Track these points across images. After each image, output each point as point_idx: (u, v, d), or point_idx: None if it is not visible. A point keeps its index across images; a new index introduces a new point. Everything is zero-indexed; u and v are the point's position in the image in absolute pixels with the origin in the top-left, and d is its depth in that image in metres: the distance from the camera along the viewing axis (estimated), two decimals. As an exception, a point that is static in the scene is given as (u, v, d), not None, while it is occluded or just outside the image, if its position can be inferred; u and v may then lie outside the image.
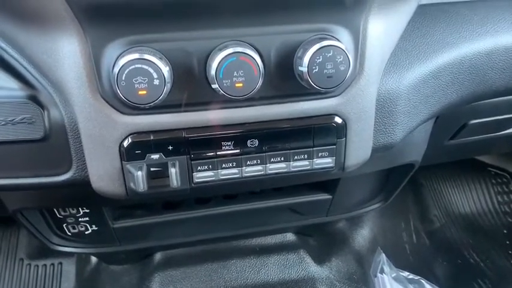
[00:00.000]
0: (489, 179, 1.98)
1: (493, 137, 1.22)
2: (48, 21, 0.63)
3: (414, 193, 1.93)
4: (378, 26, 0.72)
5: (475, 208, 1.90)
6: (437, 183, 1.97)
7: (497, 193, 1.96)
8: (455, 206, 1.91)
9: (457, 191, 1.94)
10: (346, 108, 0.74)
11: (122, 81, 0.61)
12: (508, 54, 0.87)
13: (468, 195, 1.94)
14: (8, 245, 1.67)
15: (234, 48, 0.63)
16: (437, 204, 1.91)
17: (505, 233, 1.81)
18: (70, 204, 0.98)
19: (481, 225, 1.83)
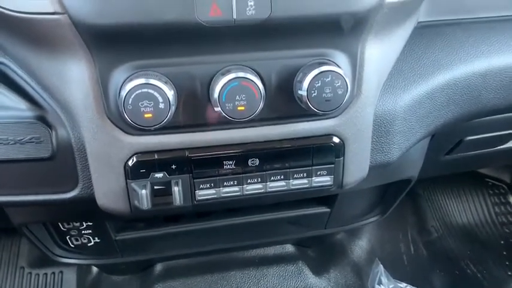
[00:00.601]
0: (486, 190, 2.00)
1: (489, 151, 1.25)
2: (58, 45, 0.66)
3: (412, 204, 1.94)
4: (375, 50, 0.74)
5: (473, 219, 1.91)
6: (435, 194, 1.98)
7: (495, 204, 1.98)
8: (453, 216, 1.92)
9: (455, 202, 1.96)
10: (344, 129, 0.77)
11: (128, 105, 0.63)
12: (502, 75, 0.89)
13: (465, 205, 1.96)
14: (9, 254, 1.68)
15: (236, 73, 0.65)
16: (435, 215, 1.93)
17: (502, 243, 1.83)
18: (75, 218, 1.00)
19: (479, 235, 1.85)
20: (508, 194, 2.02)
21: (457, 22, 0.95)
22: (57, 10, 0.61)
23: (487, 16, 0.99)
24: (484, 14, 0.99)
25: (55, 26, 0.63)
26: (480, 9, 0.99)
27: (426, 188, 1.98)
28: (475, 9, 0.98)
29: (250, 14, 0.63)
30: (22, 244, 1.69)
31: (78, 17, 0.61)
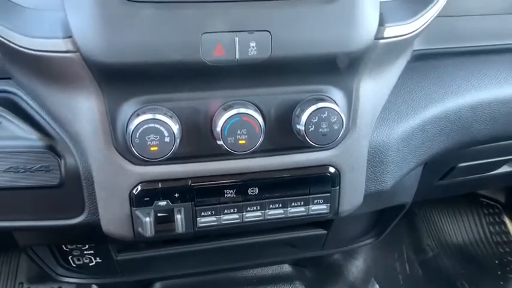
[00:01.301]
0: (481, 209, 2.02)
1: (482, 176, 1.28)
2: (69, 80, 0.70)
3: (408, 222, 1.97)
4: (369, 86, 0.78)
5: (468, 238, 1.94)
6: (431, 213, 2.01)
7: (489, 223, 2.01)
8: (448, 235, 1.95)
9: (450, 221, 1.98)
10: (339, 160, 0.80)
11: (135, 139, 0.67)
12: (491, 107, 0.93)
13: (461, 225, 1.98)
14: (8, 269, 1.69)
15: (237, 109, 0.69)
16: (431, 234, 1.95)
17: (497, 263, 1.85)
18: (79, 241, 1.03)
19: (474, 255, 1.87)
20: (502, 213, 2.05)
21: (448, 52, 1.00)
22: (70, 49, 0.65)
23: (478, 45, 1.04)
24: (475, 43, 1.04)
25: (67, 63, 0.67)
26: (471, 38, 1.03)
27: (422, 207, 2.00)
28: (466, 39, 1.03)
29: (252, 54, 0.67)
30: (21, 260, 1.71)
31: (90, 56, 0.65)
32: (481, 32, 1.05)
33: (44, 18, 0.67)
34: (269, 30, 0.67)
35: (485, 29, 1.05)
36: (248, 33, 0.66)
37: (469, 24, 1.04)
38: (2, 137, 0.74)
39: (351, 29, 0.70)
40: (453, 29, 1.03)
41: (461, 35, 1.04)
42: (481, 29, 1.05)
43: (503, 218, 2.04)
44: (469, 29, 1.04)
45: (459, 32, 1.04)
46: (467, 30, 1.04)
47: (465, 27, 1.04)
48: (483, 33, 1.05)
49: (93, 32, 0.64)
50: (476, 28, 1.05)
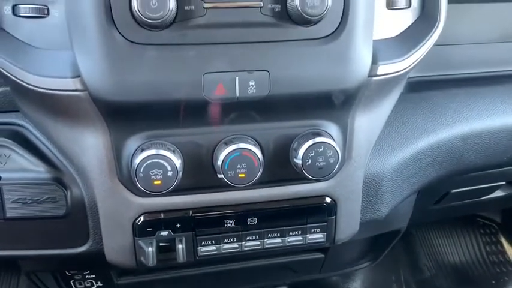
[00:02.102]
0: (477, 229, 2.04)
1: (476, 201, 1.31)
2: (77, 116, 0.73)
3: (405, 243, 1.98)
4: (364, 120, 0.82)
5: (464, 258, 1.95)
6: (427, 233, 2.02)
7: (486, 243, 2.02)
8: (445, 255, 1.96)
9: (447, 241, 2.00)
10: (335, 190, 0.83)
11: (140, 173, 0.70)
12: (482, 137, 0.97)
13: (457, 245, 1.99)
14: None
15: (237, 144, 0.72)
16: (427, 254, 1.96)
17: (494, 283, 1.86)
18: (82, 268, 1.06)
19: (470, 275, 1.88)
20: (498, 233, 2.06)
21: (440, 79, 1.03)
22: (78, 88, 0.68)
23: (469, 72, 1.08)
24: (466, 70, 1.08)
25: (75, 101, 0.70)
26: (462, 66, 1.08)
27: (419, 227, 2.02)
28: (458, 66, 1.07)
29: (252, 92, 0.70)
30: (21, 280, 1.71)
31: (98, 94, 0.68)
32: (472, 60, 1.09)
33: (54, 58, 0.70)
34: (268, 69, 0.70)
35: (476, 57, 1.10)
36: (248, 73, 0.70)
37: (460, 53, 1.09)
38: (11, 170, 0.77)
39: (346, 68, 0.73)
40: (445, 57, 1.07)
41: (453, 63, 1.08)
42: (472, 57, 1.10)
43: (499, 237, 2.05)
44: (460, 57, 1.09)
45: (451, 60, 1.08)
46: (458, 58, 1.09)
47: (456, 56, 1.09)
48: (474, 61, 1.09)
49: (100, 72, 0.67)
50: (467, 56, 1.09)
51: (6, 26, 0.72)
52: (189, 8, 0.66)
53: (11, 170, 0.77)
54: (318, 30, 0.71)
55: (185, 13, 0.66)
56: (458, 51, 1.09)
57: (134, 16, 0.64)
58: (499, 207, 1.75)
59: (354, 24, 0.71)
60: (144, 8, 0.62)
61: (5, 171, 0.77)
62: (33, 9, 0.70)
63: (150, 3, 0.62)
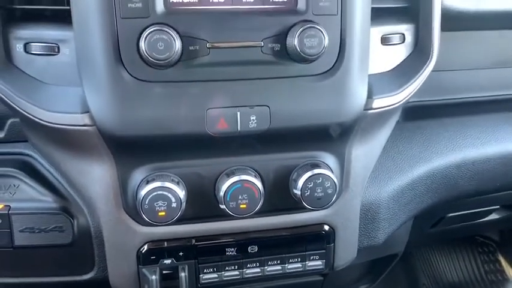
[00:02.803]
0: (476, 248, 2.05)
1: (472, 223, 1.34)
2: (84, 149, 0.76)
3: (404, 262, 2.00)
4: (360, 150, 0.85)
5: (463, 277, 1.96)
6: (426, 252, 2.04)
7: (484, 262, 2.03)
8: (444, 274, 1.97)
9: (445, 259, 2.01)
10: (334, 218, 0.86)
11: (145, 205, 0.72)
12: (475, 165, 1.00)
13: (456, 263, 2.00)
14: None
15: (239, 176, 0.75)
16: (426, 273, 1.97)
17: (492, 302, 1.87)
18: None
19: (469, 293, 1.90)
20: (497, 252, 2.08)
21: (435, 104, 1.06)
22: (87, 123, 0.72)
23: (464, 97, 1.11)
24: (460, 95, 1.12)
25: (84, 135, 0.73)
26: (457, 91, 1.11)
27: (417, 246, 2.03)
28: (452, 91, 1.10)
29: (253, 126, 0.73)
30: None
31: (106, 129, 0.71)
32: (466, 86, 1.13)
33: (64, 94, 0.74)
34: (268, 105, 0.73)
35: (470, 83, 1.13)
36: (249, 108, 0.73)
37: (454, 78, 1.12)
38: (20, 199, 0.80)
39: (343, 102, 0.76)
40: (440, 82, 1.11)
41: (447, 89, 1.12)
42: (466, 83, 1.13)
43: (497, 256, 2.06)
44: (454, 83, 1.12)
45: (445, 85, 1.12)
46: (452, 83, 1.12)
47: (451, 81, 1.12)
48: (468, 86, 1.13)
49: (108, 108, 0.70)
50: (461, 82, 1.13)
51: (18, 63, 0.75)
52: (193, 48, 0.70)
53: (19, 199, 0.80)
54: (316, 67, 0.74)
55: (190, 52, 0.70)
56: (453, 76, 1.12)
57: (142, 56, 0.67)
58: (495, 228, 1.77)
59: (349, 62, 0.75)
60: (151, 49, 0.66)
61: (14, 201, 0.80)
62: (45, 47, 0.74)
63: (157, 45, 0.66)
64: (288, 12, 0.72)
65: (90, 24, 0.68)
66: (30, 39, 0.74)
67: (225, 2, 0.71)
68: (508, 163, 1.02)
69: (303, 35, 0.69)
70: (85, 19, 0.69)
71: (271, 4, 0.72)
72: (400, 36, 0.87)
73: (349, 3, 0.73)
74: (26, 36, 0.74)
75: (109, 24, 0.67)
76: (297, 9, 0.72)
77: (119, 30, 0.67)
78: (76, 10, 0.69)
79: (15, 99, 0.72)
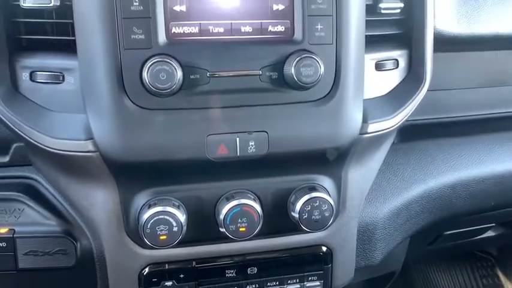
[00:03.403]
0: (474, 263, 2.06)
1: (469, 240, 1.35)
2: (87, 173, 0.78)
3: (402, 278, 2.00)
4: (356, 172, 0.87)
5: (461, 291, 1.97)
6: (425, 267, 2.05)
7: (482, 276, 2.04)
8: (442, 289, 1.98)
9: (444, 274, 2.02)
10: (331, 240, 0.88)
11: (147, 229, 0.74)
12: (469, 185, 1.02)
13: (454, 278, 2.01)
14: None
15: (238, 200, 0.78)
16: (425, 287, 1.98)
17: (491, 317, 1.88)
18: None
19: (467, 309, 1.90)
20: (495, 266, 2.08)
21: (431, 123, 1.09)
22: (90, 149, 0.74)
23: (459, 115, 1.14)
24: (455, 114, 1.14)
25: (87, 160, 0.75)
26: (452, 110, 1.13)
27: (417, 260, 2.04)
28: (447, 110, 1.13)
29: (251, 151, 0.76)
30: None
31: (109, 155, 0.73)
32: (461, 104, 1.15)
33: (68, 121, 0.76)
34: (266, 130, 0.76)
35: (464, 101, 1.16)
36: (248, 134, 0.75)
37: (449, 97, 1.15)
38: (24, 223, 0.82)
39: (339, 127, 0.79)
40: (435, 101, 1.13)
41: (443, 107, 1.14)
42: (461, 102, 1.15)
43: (496, 271, 2.07)
44: (449, 102, 1.14)
45: (440, 104, 1.14)
46: (447, 102, 1.14)
47: (446, 100, 1.14)
48: (462, 105, 1.15)
49: (112, 135, 0.72)
50: (456, 101, 1.15)
51: (23, 91, 0.77)
52: (194, 77, 0.72)
53: (24, 223, 0.82)
54: (312, 93, 0.77)
55: (191, 81, 0.72)
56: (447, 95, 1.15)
57: (144, 85, 0.70)
58: (492, 245, 1.79)
59: (345, 88, 0.78)
60: (153, 80, 0.68)
61: (18, 224, 0.81)
62: (50, 76, 0.76)
63: (159, 76, 0.68)
64: (285, 42, 0.75)
65: (95, 55, 0.71)
66: (36, 68, 0.76)
67: (225, 32, 0.74)
68: (502, 183, 1.05)
69: (299, 64, 0.72)
70: (89, 49, 0.71)
71: (268, 34, 0.75)
72: (394, 62, 0.89)
73: (344, 32, 0.76)
74: (32, 65, 0.76)
75: (113, 55, 0.70)
76: (293, 39, 0.75)
77: (123, 61, 0.70)
78: (81, 41, 0.72)
79: (21, 126, 0.75)
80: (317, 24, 0.74)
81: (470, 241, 1.37)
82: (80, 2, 0.71)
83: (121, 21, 0.69)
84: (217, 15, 0.73)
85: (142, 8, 0.69)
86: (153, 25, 0.70)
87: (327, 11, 0.75)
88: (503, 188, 1.05)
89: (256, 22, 0.74)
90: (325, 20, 0.75)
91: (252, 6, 0.74)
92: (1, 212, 0.82)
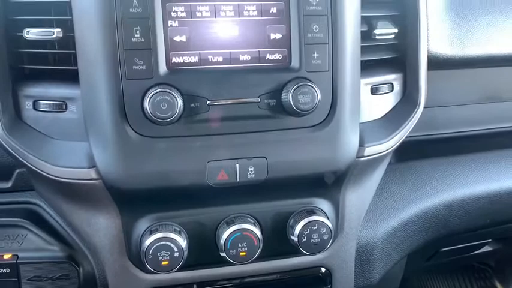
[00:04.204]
0: (472, 273, 2.07)
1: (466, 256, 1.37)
2: (90, 200, 0.79)
3: (401, 287, 2.01)
4: (354, 194, 0.89)
5: (461, 303, 1.97)
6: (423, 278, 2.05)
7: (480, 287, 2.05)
8: (442, 301, 1.98)
9: (442, 285, 2.03)
10: (330, 261, 0.90)
11: (149, 255, 0.76)
12: (465, 203, 1.04)
13: (452, 289, 2.02)
14: None
15: (239, 225, 0.79)
16: None
17: (489, 328, 1.88)
18: None
19: (466, 321, 1.91)
20: (493, 277, 2.09)
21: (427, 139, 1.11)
22: (93, 177, 0.75)
23: (453, 131, 1.16)
24: (450, 130, 1.16)
25: (90, 188, 0.76)
26: (447, 126, 1.15)
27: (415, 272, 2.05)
28: (443, 126, 1.15)
29: (251, 177, 0.77)
30: None
31: (111, 183, 0.75)
32: (455, 120, 1.17)
33: (71, 149, 0.77)
34: (265, 156, 0.78)
35: (460, 118, 1.18)
36: (247, 160, 0.77)
37: (443, 114, 1.17)
38: (28, 249, 0.83)
39: (336, 152, 0.81)
40: (432, 118, 1.15)
41: (437, 124, 1.16)
42: (455, 118, 1.17)
43: (494, 282, 2.08)
44: (444, 118, 1.16)
45: (435, 120, 1.16)
46: (442, 118, 1.16)
47: (440, 116, 1.16)
48: (456, 121, 1.17)
49: (114, 163, 0.74)
50: (450, 117, 1.17)
51: (27, 119, 0.79)
52: (194, 105, 0.74)
53: (27, 249, 0.83)
54: (310, 119, 0.79)
55: (191, 109, 0.74)
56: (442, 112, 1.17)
57: (146, 115, 0.71)
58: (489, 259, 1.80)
59: (341, 114, 0.79)
60: (155, 109, 0.70)
61: (21, 250, 0.83)
62: (53, 105, 0.78)
63: (161, 106, 0.70)
64: (282, 70, 0.77)
65: (97, 85, 0.72)
66: (38, 97, 0.78)
67: (224, 61, 0.76)
68: (497, 201, 1.07)
69: (297, 92, 0.74)
70: (92, 79, 0.73)
71: (266, 62, 0.77)
72: (389, 86, 0.91)
73: (340, 59, 0.78)
74: (35, 94, 0.78)
75: (115, 85, 0.71)
76: (290, 66, 0.77)
77: (125, 91, 0.72)
78: (83, 71, 0.73)
79: (24, 155, 0.76)
80: (313, 52, 0.77)
81: (468, 256, 1.38)
82: (82, 34, 0.72)
83: (123, 53, 0.71)
84: (216, 45, 0.75)
85: (143, 39, 0.71)
86: (154, 56, 0.72)
87: (323, 40, 0.77)
88: (498, 206, 1.07)
89: (254, 51, 0.76)
90: (322, 48, 0.77)
91: (250, 36, 0.76)
92: (4, 238, 0.83)
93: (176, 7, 0.73)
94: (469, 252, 1.33)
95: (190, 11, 0.73)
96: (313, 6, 0.76)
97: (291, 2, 0.75)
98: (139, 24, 0.71)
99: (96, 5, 0.70)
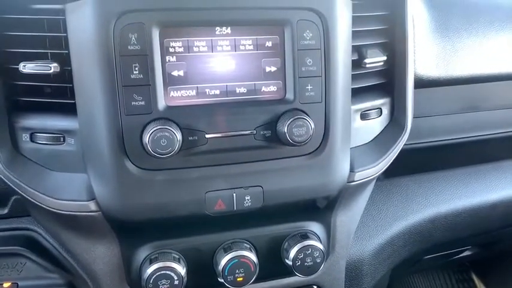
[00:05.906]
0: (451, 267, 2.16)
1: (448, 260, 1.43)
2: (89, 231, 0.81)
3: (383, 285, 2.08)
4: (344, 216, 0.93)
5: (439, 296, 2.05)
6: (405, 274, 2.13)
7: (459, 281, 2.13)
8: (421, 294, 2.06)
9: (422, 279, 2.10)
10: (321, 279, 0.94)
11: (150, 284, 0.78)
12: (447, 218, 1.09)
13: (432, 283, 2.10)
14: None
15: (236, 252, 0.82)
16: None
17: (467, 321, 1.97)
18: None
19: (445, 314, 1.99)
20: (470, 270, 2.18)
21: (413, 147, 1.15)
22: (93, 209, 0.76)
23: (437, 140, 1.20)
24: (435, 138, 1.20)
25: (90, 219, 0.78)
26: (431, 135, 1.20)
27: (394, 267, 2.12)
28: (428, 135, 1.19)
29: (247, 205, 0.80)
30: None
31: (111, 215, 0.76)
32: (439, 130, 1.22)
33: (69, 181, 0.78)
34: (261, 185, 0.80)
35: (443, 127, 1.22)
36: (244, 189, 0.79)
37: (429, 123, 1.21)
38: (27, 277, 0.84)
39: (328, 178, 0.84)
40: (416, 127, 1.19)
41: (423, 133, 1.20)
42: (440, 127, 1.22)
43: (471, 275, 2.17)
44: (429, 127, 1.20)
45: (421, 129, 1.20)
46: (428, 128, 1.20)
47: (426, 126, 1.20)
48: (441, 130, 1.22)
49: (114, 196, 0.75)
50: (434, 126, 1.22)
51: (24, 152, 0.79)
52: (192, 138, 0.76)
53: (26, 278, 0.84)
54: (303, 148, 0.81)
55: (189, 142, 0.76)
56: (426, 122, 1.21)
57: (145, 150, 0.72)
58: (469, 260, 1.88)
59: (333, 142, 0.82)
60: (154, 146, 0.71)
61: (21, 279, 0.84)
62: (50, 137, 0.78)
63: (160, 142, 0.71)
64: (277, 102, 0.79)
65: (96, 119, 0.73)
66: (36, 129, 0.78)
67: (220, 94, 0.77)
68: (478, 215, 1.12)
69: (292, 125, 0.76)
70: (90, 114, 0.73)
71: (262, 94, 0.79)
72: (378, 111, 0.95)
73: (332, 90, 0.80)
74: (32, 126, 0.78)
75: (114, 120, 0.72)
76: (285, 98, 0.79)
77: (124, 126, 0.72)
78: (81, 105, 0.74)
79: (23, 188, 0.76)
80: (307, 84, 0.79)
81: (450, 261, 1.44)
82: (80, 69, 0.73)
83: (121, 89, 0.71)
84: (214, 78, 0.76)
85: (142, 76, 0.72)
86: (152, 92, 0.72)
87: (316, 72, 0.79)
88: (479, 221, 1.13)
89: (250, 83, 0.78)
90: (315, 80, 0.79)
91: (246, 69, 0.77)
92: (3, 266, 0.84)
93: (174, 43, 0.74)
94: (450, 257, 1.40)
95: (188, 46, 0.74)
96: (307, 41, 0.78)
97: (285, 36, 0.77)
98: (138, 61, 0.71)
99: (95, 42, 0.70)
